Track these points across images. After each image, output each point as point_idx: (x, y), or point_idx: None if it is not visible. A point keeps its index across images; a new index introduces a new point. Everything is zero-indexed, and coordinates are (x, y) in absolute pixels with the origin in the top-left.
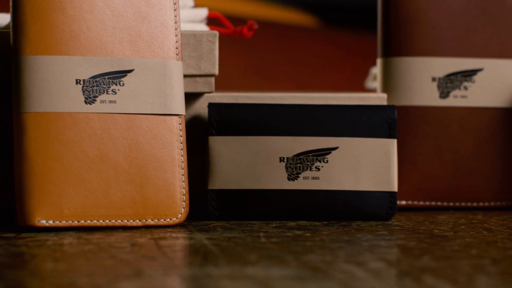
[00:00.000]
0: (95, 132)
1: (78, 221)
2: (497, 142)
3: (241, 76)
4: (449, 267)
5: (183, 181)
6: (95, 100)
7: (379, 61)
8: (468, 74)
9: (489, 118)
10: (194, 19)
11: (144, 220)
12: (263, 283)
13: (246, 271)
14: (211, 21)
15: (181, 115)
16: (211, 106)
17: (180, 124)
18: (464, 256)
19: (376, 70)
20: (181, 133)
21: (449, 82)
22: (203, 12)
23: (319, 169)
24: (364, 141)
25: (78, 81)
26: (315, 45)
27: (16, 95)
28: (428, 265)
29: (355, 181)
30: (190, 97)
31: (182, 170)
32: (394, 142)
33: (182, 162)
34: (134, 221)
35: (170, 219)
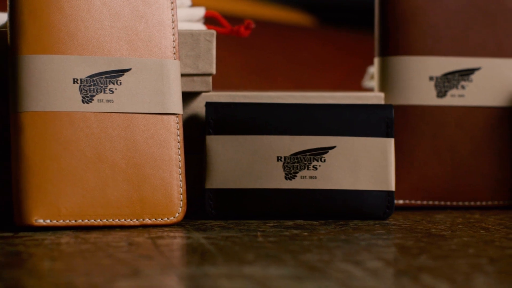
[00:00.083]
0: (93, 131)
1: (76, 220)
2: (495, 141)
3: (239, 75)
4: (447, 266)
5: (181, 180)
6: (93, 100)
7: (377, 60)
8: (466, 73)
9: (487, 117)
10: (192, 18)
11: (142, 219)
12: (261, 282)
13: (244, 270)
14: (208, 20)
15: (179, 114)
16: (209, 105)
17: (178, 123)
18: (462, 255)
19: (374, 69)
20: (179, 132)
21: (447, 81)
22: (200, 11)
23: (317, 168)
24: (362, 140)
25: (76, 80)
26: (313, 44)
27: (13, 95)
28: (426, 264)
29: (353, 180)
30: (188, 96)
31: (180, 169)
32: (392, 141)
33: (180, 161)
34: (132, 220)
35: (168, 218)
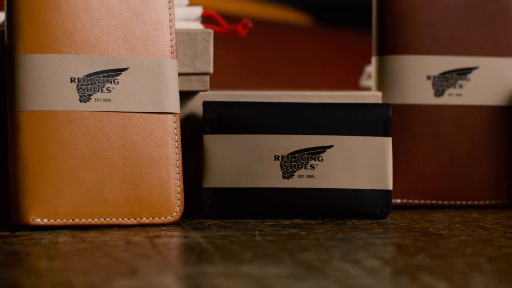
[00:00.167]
0: (90, 131)
1: (73, 220)
2: (492, 140)
3: (236, 75)
4: (445, 265)
5: (178, 180)
6: (90, 99)
7: (374, 59)
8: (463, 73)
9: (484, 116)
10: (189, 18)
11: (139, 219)
12: (258, 281)
13: (241, 269)
14: (206, 20)
15: (176, 114)
16: (206, 105)
17: (175, 123)
18: (460, 254)
19: (371, 68)
20: (176, 132)
21: (444, 80)
22: (198, 11)
23: (314, 168)
24: (359, 139)
25: (73, 80)
26: (310, 44)
27: (11, 94)
28: (424, 263)
29: (350, 180)
30: (185, 96)
31: (177, 169)
32: (389, 140)
33: (177, 161)
34: (129, 220)
35: (165, 218)
